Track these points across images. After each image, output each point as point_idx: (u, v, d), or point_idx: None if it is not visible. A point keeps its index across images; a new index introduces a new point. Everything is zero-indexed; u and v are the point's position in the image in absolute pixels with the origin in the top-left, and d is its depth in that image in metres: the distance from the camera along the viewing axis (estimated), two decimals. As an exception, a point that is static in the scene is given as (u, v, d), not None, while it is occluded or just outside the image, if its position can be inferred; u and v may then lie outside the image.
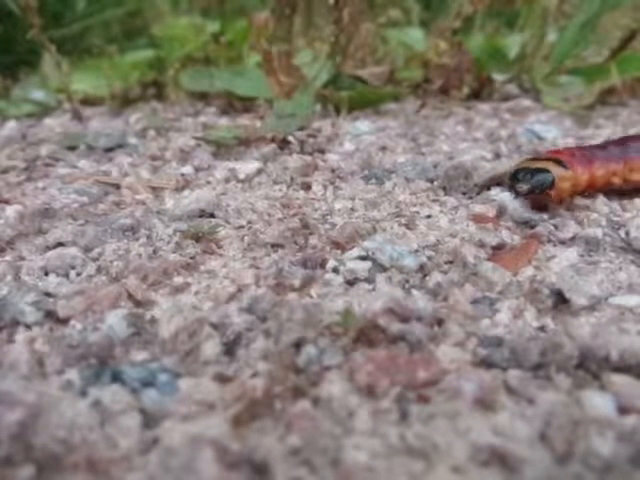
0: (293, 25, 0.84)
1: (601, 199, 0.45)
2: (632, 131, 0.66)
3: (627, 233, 0.40)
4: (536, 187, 0.42)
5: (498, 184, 0.47)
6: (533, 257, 0.37)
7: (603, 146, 0.47)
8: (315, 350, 0.27)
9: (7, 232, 0.40)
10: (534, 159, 0.45)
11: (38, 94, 0.86)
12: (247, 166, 0.54)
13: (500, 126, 0.71)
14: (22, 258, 0.38)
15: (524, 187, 0.42)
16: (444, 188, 0.49)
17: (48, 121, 0.77)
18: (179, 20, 0.98)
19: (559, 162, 0.43)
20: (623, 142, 0.48)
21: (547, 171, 0.42)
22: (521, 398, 0.25)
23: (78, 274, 0.35)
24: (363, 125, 0.70)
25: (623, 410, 0.24)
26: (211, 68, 0.84)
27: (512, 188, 0.43)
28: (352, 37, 0.81)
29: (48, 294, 0.33)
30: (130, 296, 0.32)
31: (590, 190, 0.45)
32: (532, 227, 0.41)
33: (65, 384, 0.26)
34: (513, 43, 0.95)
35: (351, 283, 0.34)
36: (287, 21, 0.82)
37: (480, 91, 0.86)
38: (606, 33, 0.94)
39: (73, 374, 0.26)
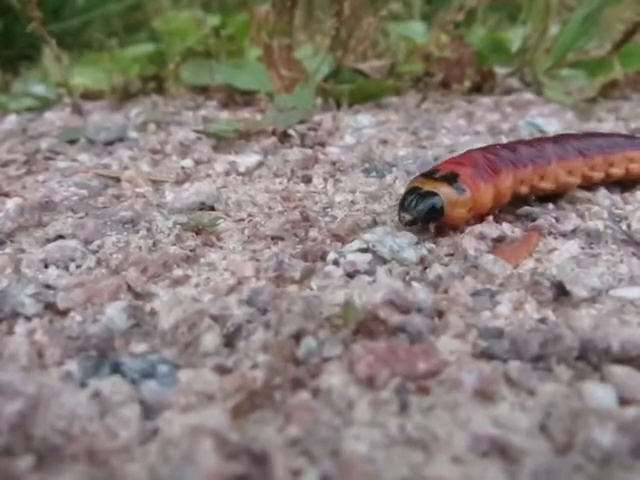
0: (294, 18, 0.83)
1: (603, 192, 0.45)
2: (634, 125, 0.66)
3: (628, 226, 0.40)
4: (420, 217, 0.36)
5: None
6: (534, 249, 0.37)
7: (512, 147, 0.41)
8: (315, 342, 0.27)
9: (7, 225, 0.40)
10: (429, 175, 0.38)
11: (38, 88, 0.86)
12: (247, 159, 0.54)
13: (502, 119, 0.71)
14: (22, 251, 0.38)
15: (406, 218, 0.36)
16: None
17: (48, 115, 0.77)
18: (180, 14, 0.98)
19: (456, 178, 0.37)
20: (535, 144, 0.42)
21: (436, 195, 0.36)
22: (521, 389, 0.25)
23: (78, 266, 0.35)
24: (364, 118, 0.70)
25: (623, 401, 0.24)
26: (212, 62, 0.84)
27: (398, 217, 0.37)
28: (353, 30, 0.81)
29: (48, 286, 0.32)
30: (130, 288, 0.32)
31: (498, 206, 0.40)
32: (533, 220, 0.40)
33: (65, 375, 0.26)
34: (515, 36, 0.94)
35: (351, 275, 0.34)
36: (288, 14, 0.82)
37: (482, 84, 0.86)
38: (608, 26, 0.94)
39: (73, 365, 0.26)
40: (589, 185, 0.45)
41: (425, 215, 0.36)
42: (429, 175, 0.38)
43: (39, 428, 0.22)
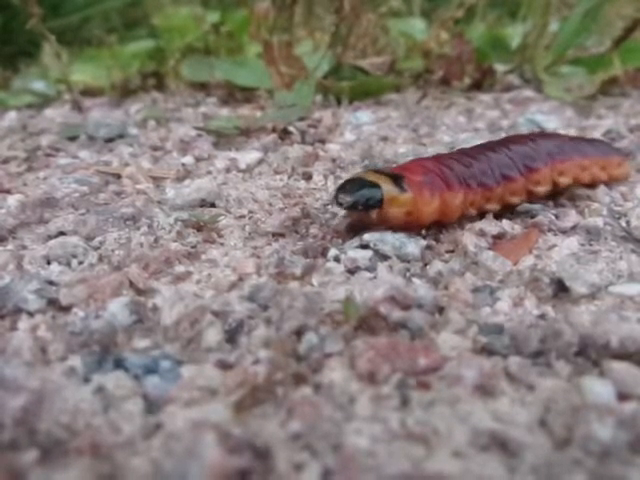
0: (294, 15, 0.83)
1: (602, 188, 0.45)
2: (634, 122, 0.66)
3: (628, 222, 0.40)
4: (358, 203, 0.35)
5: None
6: (534, 246, 0.37)
7: (467, 163, 0.38)
8: (316, 337, 0.28)
9: (9, 221, 0.40)
10: (376, 170, 0.38)
11: (38, 85, 0.86)
12: (248, 156, 0.54)
13: (501, 116, 0.71)
14: (24, 247, 0.38)
15: (346, 199, 0.35)
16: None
17: (48, 112, 0.77)
18: (179, 10, 0.98)
19: (402, 179, 0.36)
20: (480, 155, 0.39)
21: (378, 187, 0.35)
22: (521, 384, 0.25)
23: (80, 263, 0.35)
24: (364, 115, 0.70)
25: (622, 396, 0.24)
26: (211, 58, 0.84)
27: (335, 199, 0.36)
28: (353, 27, 0.80)
29: (50, 282, 0.33)
30: (132, 284, 0.33)
31: (446, 220, 0.38)
32: (533, 216, 0.41)
33: (68, 371, 0.26)
34: (515, 33, 0.94)
35: (352, 272, 0.34)
36: (288, 11, 0.82)
37: (481, 81, 0.86)
38: (608, 23, 0.94)
39: (76, 361, 0.26)
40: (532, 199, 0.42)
41: (363, 201, 0.35)
42: (376, 170, 0.38)
43: (43, 423, 0.23)
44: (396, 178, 0.36)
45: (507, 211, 0.41)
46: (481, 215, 0.39)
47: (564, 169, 0.42)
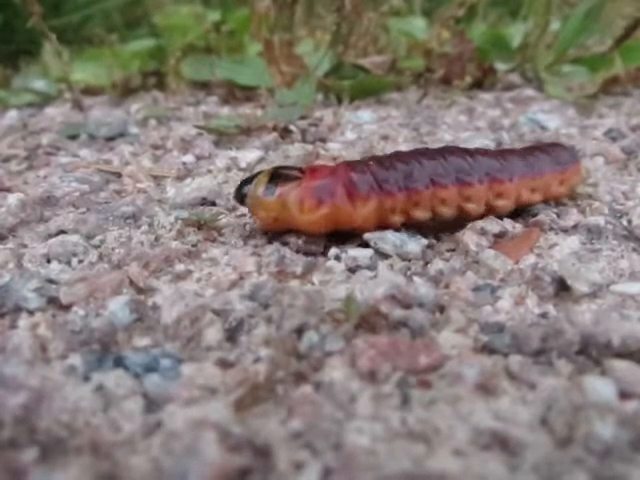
0: (294, 14, 0.83)
1: (603, 187, 0.45)
2: (635, 121, 0.66)
3: (629, 221, 0.40)
4: (236, 198, 0.36)
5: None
6: (535, 245, 0.37)
7: (388, 164, 0.35)
8: (317, 336, 0.27)
9: (9, 220, 0.40)
10: (280, 168, 0.36)
11: (39, 83, 0.86)
12: (248, 155, 0.54)
13: (502, 115, 0.71)
14: (24, 245, 0.38)
15: (233, 194, 0.36)
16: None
17: (49, 110, 0.77)
18: (180, 9, 0.98)
19: (277, 182, 0.34)
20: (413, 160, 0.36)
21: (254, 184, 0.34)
22: (522, 383, 0.25)
23: (80, 261, 0.35)
24: (365, 114, 0.70)
25: (624, 395, 0.24)
26: (212, 57, 0.84)
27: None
28: (354, 26, 0.80)
29: (50, 281, 0.33)
30: (132, 283, 0.32)
31: (356, 228, 0.35)
32: (534, 215, 0.40)
33: (68, 369, 0.26)
34: (516, 32, 0.94)
35: (353, 270, 0.34)
36: (288, 10, 0.82)
37: (482, 80, 0.86)
38: (610, 22, 0.93)
39: (76, 359, 0.26)
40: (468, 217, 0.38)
41: (237, 197, 0.36)
42: (280, 168, 0.36)
43: (43, 421, 0.23)
44: (279, 178, 0.34)
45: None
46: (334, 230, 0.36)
47: (503, 190, 0.38)
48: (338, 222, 0.35)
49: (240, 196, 0.36)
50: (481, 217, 0.38)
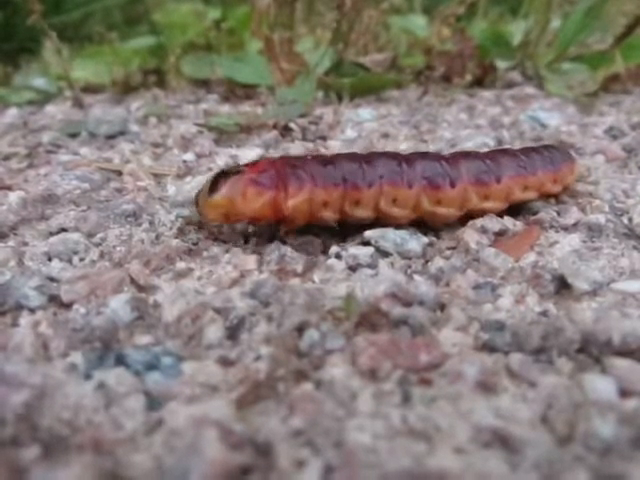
0: (295, 12, 0.83)
1: (604, 185, 0.45)
2: (636, 119, 0.66)
3: (630, 219, 0.40)
4: (195, 205, 0.37)
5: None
6: (535, 243, 0.37)
7: (327, 161, 0.36)
8: (318, 334, 0.27)
9: (10, 218, 0.40)
10: (234, 167, 0.37)
11: (39, 81, 0.86)
12: (249, 153, 0.54)
13: (503, 113, 0.71)
14: (25, 244, 0.38)
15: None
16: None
17: (49, 108, 0.77)
18: (180, 6, 0.97)
19: (219, 182, 0.35)
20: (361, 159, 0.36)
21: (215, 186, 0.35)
22: (523, 381, 0.25)
23: (81, 259, 0.35)
24: (365, 112, 0.70)
25: (624, 393, 0.24)
26: (212, 55, 0.83)
27: None
28: (354, 24, 0.80)
29: (52, 279, 0.33)
30: (133, 281, 0.32)
31: (290, 219, 0.35)
32: (534, 213, 0.41)
33: (69, 367, 0.26)
34: (516, 30, 0.94)
35: (353, 268, 0.34)
36: (289, 7, 0.82)
37: (483, 78, 0.86)
38: (610, 20, 0.93)
39: (77, 357, 0.27)
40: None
41: (195, 205, 0.37)
42: (234, 167, 0.37)
43: (45, 419, 0.23)
44: (220, 179, 0.35)
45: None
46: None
47: (490, 193, 0.38)
48: (278, 211, 0.35)
49: (195, 203, 0.37)
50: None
